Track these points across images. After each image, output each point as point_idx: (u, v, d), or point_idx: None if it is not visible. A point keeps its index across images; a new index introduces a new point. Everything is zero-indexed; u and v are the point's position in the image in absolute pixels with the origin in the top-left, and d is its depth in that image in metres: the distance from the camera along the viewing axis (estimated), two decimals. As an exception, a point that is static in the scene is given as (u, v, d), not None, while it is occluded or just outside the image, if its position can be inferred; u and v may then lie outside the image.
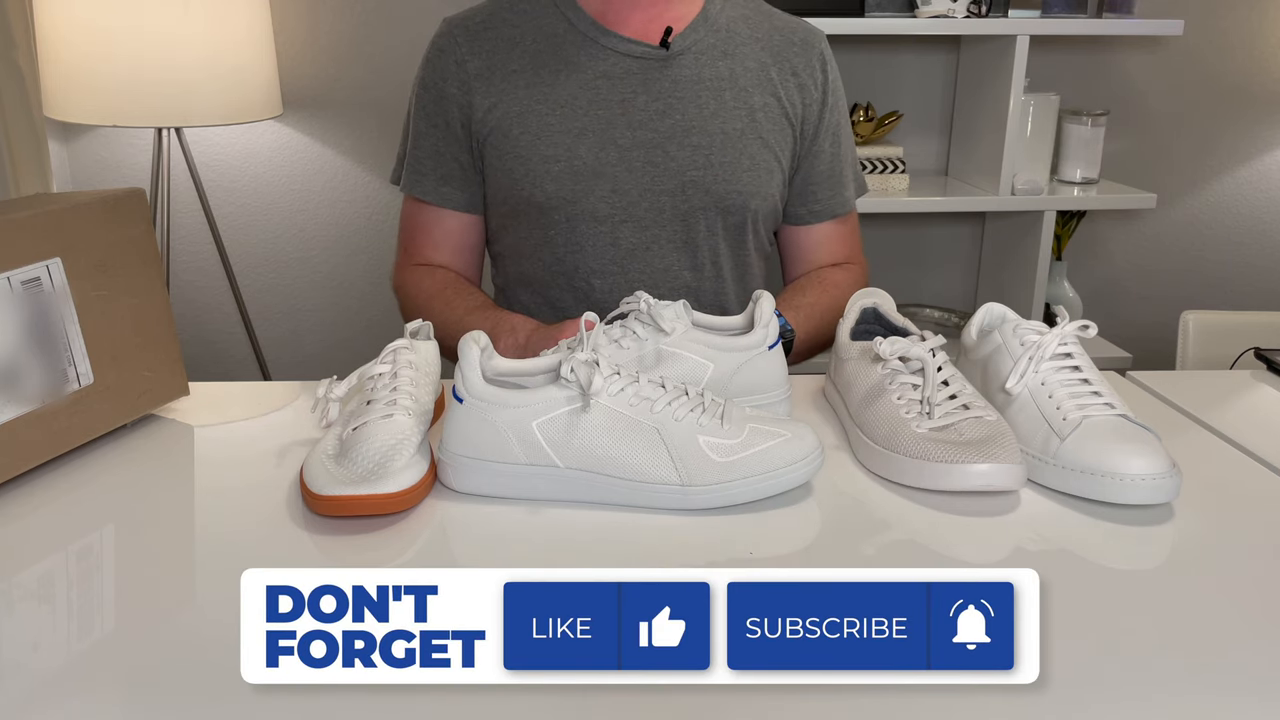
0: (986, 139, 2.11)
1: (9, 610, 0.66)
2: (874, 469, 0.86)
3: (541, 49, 1.21)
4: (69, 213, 0.87)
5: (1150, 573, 0.72)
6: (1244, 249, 2.45)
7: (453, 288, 1.23)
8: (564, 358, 0.78)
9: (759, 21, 1.27)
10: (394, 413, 0.82)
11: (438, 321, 1.18)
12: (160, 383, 0.95)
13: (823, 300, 1.23)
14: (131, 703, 0.57)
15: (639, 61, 1.20)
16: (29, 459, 0.83)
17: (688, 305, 0.94)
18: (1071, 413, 0.83)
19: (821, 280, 1.28)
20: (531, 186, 1.19)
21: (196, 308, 2.26)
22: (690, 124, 1.20)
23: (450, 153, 1.23)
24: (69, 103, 1.81)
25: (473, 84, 1.20)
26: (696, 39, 1.22)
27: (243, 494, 0.83)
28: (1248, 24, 2.30)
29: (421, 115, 1.24)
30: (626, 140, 1.19)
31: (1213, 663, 0.61)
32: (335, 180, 2.22)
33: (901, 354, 0.87)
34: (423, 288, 1.24)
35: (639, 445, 0.78)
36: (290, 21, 2.11)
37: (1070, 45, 2.24)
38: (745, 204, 1.22)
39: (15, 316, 0.82)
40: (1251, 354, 1.20)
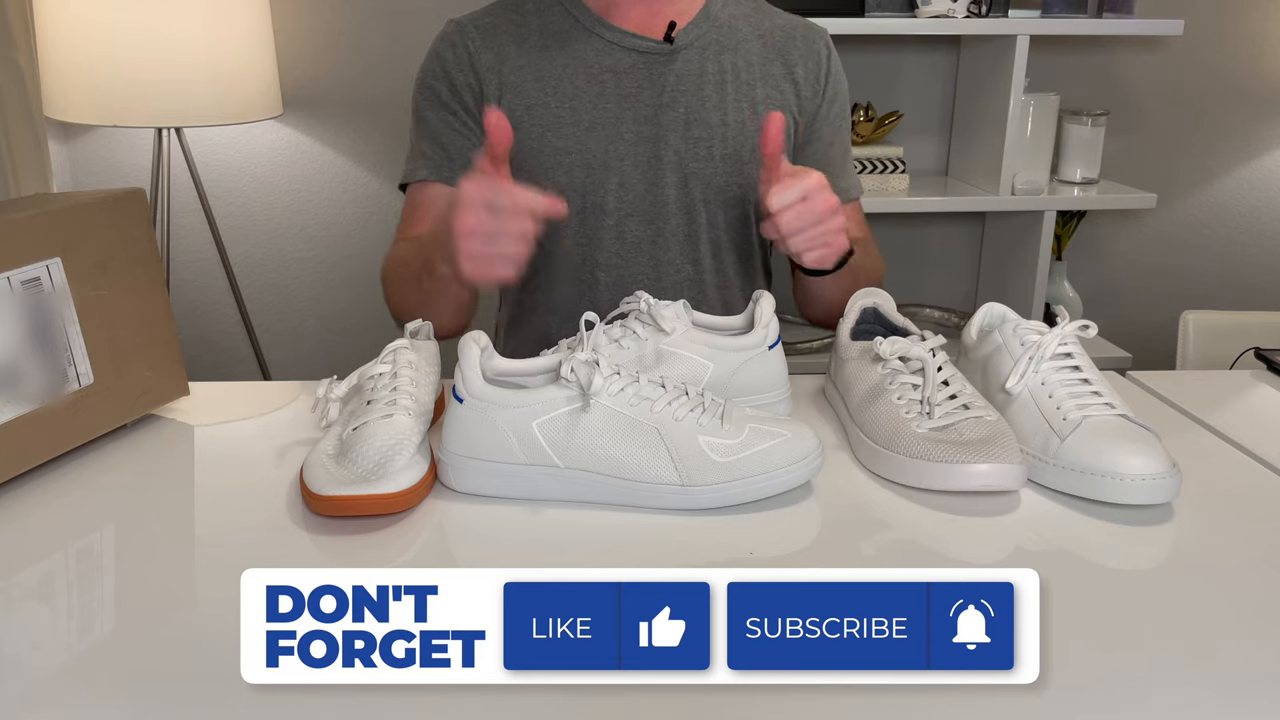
0: (986, 139, 2.11)
1: (9, 610, 0.66)
2: (874, 469, 0.86)
3: (548, 44, 1.21)
4: (69, 213, 0.87)
5: (1150, 573, 0.72)
6: (1244, 249, 2.45)
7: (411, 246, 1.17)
8: (564, 358, 0.78)
9: (761, 19, 1.27)
10: (394, 413, 0.82)
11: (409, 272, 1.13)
12: (160, 383, 0.95)
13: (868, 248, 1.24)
14: (131, 703, 0.57)
15: (643, 56, 1.21)
16: (29, 459, 0.83)
17: (688, 305, 0.94)
18: (1071, 413, 0.83)
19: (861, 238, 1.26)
20: (542, 178, 1.18)
21: (196, 308, 2.26)
22: (693, 117, 1.20)
23: (474, 134, 1.21)
24: (69, 103, 1.81)
25: (483, 75, 1.20)
26: (699, 34, 1.22)
27: (243, 494, 0.83)
28: (1248, 24, 2.29)
29: (436, 105, 1.22)
30: (632, 134, 1.19)
31: (1212, 663, 0.61)
32: (335, 180, 2.22)
33: (901, 354, 0.87)
34: (392, 254, 1.21)
35: (639, 445, 0.78)
36: (290, 21, 2.11)
37: (1070, 45, 2.24)
38: (747, 196, 1.23)
39: (15, 316, 0.82)
40: (1251, 354, 1.20)
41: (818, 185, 1.01)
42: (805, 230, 1.01)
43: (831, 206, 1.01)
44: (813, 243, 1.02)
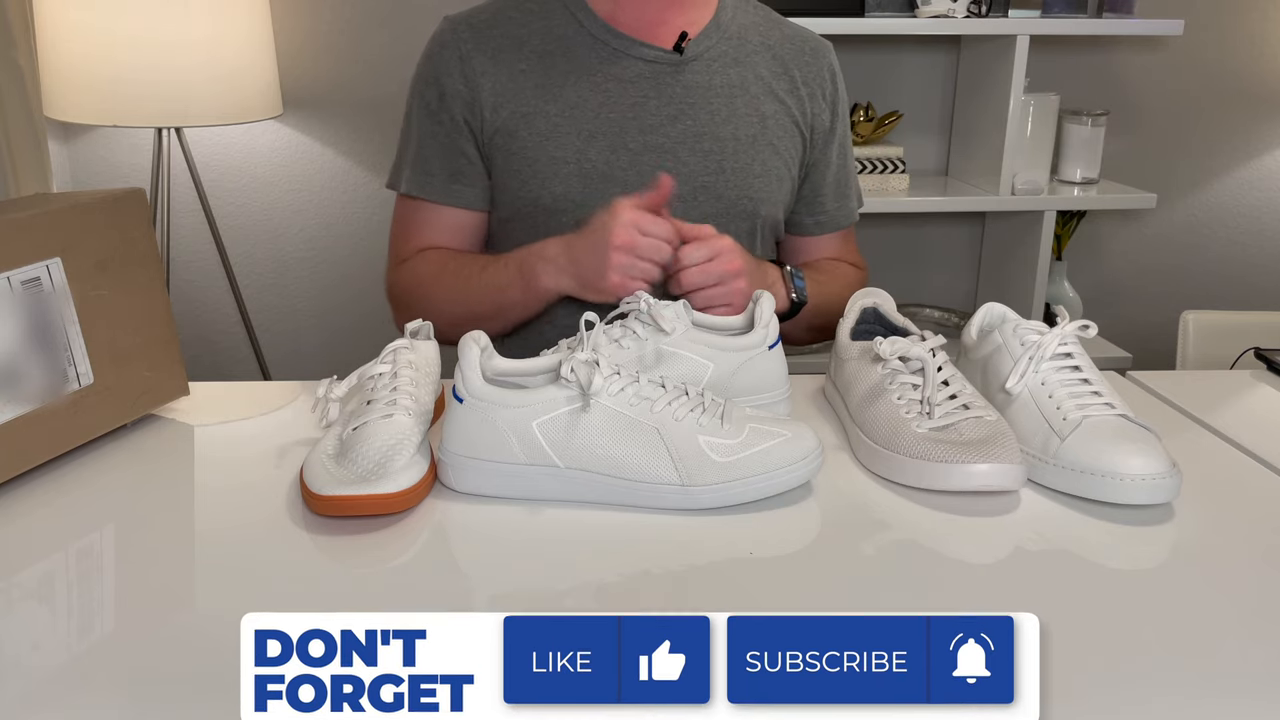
0: (986, 139, 2.11)
1: (9, 610, 0.66)
2: (874, 469, 0.86)
3: (550, 49, 1.19)
4: (69, 213, 0.87)
5: (1150, 573, 0.72)
6: (1244, 249, 2.45)
7: (454, 259, 1.21)
8: (564, 358, 0.78)
9: (769, 30, 1.27)
10: (394, 413, 0.82)
11: (455, 296, 1.16)
12: (160, 383, 0.95)
13: (832, 285, 1.24)
14: (131, 703, 0.57)
15: (652, 66, 1.19)
16: (29, 459, 0.83)
17: (688, 305, 0.94)
18: (1071, 413, 0.83)
19: (833, 268, 1.30)
20: (539, 188, 1.18)
21: (196, 308, 2.26)
22: (702, 129, 1.19)
23: (458, 148, 1.20)
24: (69, 103, 1.81)
25: (478, 80, 1.18)
26: (709, 45, 1.21)
27: (243, 494, 0.83)
28: (1248, 24, 2.29)
29: (424, 114, 1.21)
30: (638, 144, 1.18)
31: (1212, 663, 0.61)
32: (335, 180, 2.22)
33: (901, 354, 0.87)
34: (420, 272, 1.21)
35: (639, 445, 0.78)
36: (290, 21, 2.11)
37: (1070, 45, 2.24)
38: (756, 210, 1.22)
39: (15, 316, 0.82)
40: (1251, 354, 1.20)
41: (728, 248, 1.06)
42: (705, 289, 1.05)
43: (735, 269, 1.05)
44: (712, 300, 1.05)
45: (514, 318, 1.17)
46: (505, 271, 1.14)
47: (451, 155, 1.21)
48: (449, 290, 1.18)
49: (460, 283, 1.17)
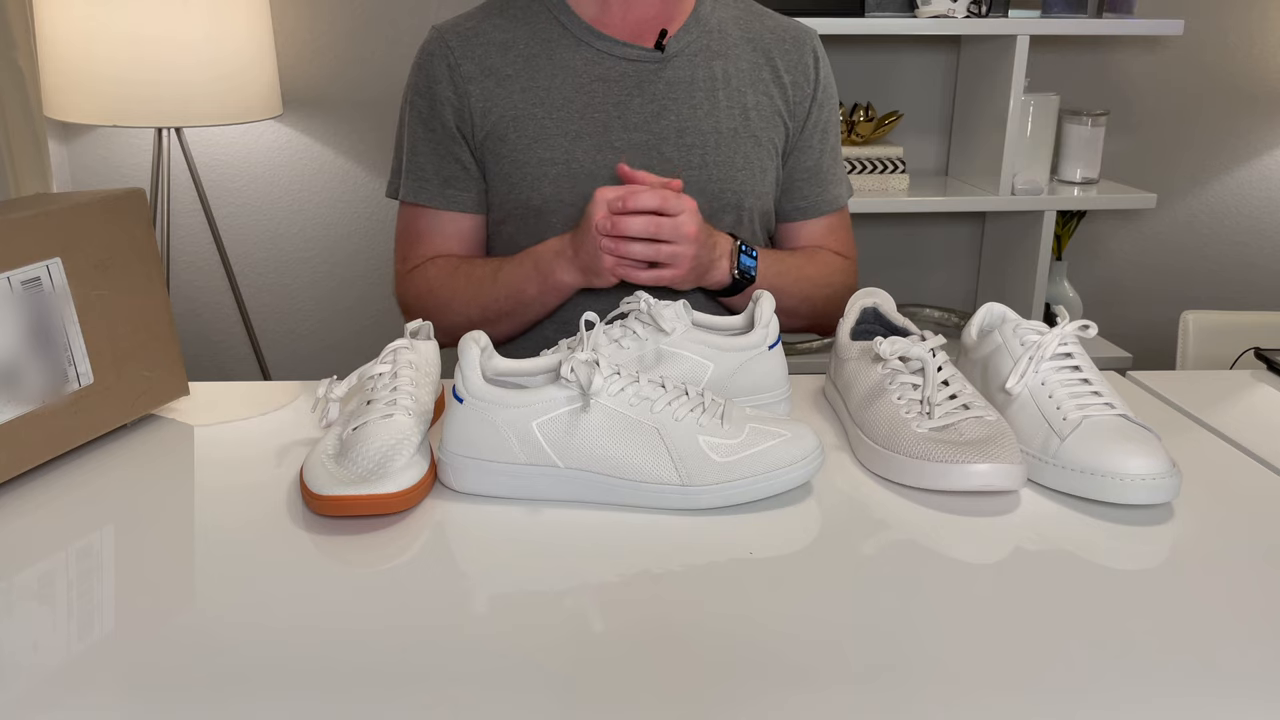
0: (986, 139, 2.11)
1: (9, 610, 0.66)
2: (874, 469, 0.86)
3: (535, 52, 1.21)
4: (69, 213, 0.87)
5: (1150, 573, 0.72)
6: (1244, 249, 2.45)
7: (465, 263, 1.23)
8: (564, 358, 0.78)
9: (750, 21, 1.27)
10: (394, 413, 0.82)
11: (471, 298, 1.18)
12: (160, 383, 0.95)
13: (805, 266, 1.26)
14: (131, 703, 0.57)
15: (634, 64, 1.21)
16: (29, 459, 0.83)
17: (687, 305, 0.94)
18: (1071, 413, 0.83)
19: (814, 253, 1.30)
20: (529, 190, 1.19)
21: (196, 308, 2.26)
22: (685, 124, 1.20)
23: (451, 154, 1.22)
24: (69, 103, 1.81)
25: (467, 87, 1.20)
26: (689, 40, 1.22)
27: (243, 494, 0.83)
28: (1248, 24, 2.30)
29: (417, 121, 1.24)
30: (622, 142, 1.19)
31: (1213, 663, 0.61)
32: (335, 180, 2.22)
33: (901, 354, 0.87)
34: (432, 277, 1.23)
35: (639, 445, 0.78)
36: (290, 21, 2.11)
37: (1070, 45, 2.25)
38: (741, 202, 1.23)
39: (15, 316, 0.82)
40: (1251, 354, 1.20)
41: (690, 208, 1.07)
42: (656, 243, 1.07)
43: (690, 234, 1.07)
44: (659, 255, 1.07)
45: (531, 315, 1.19)
46: (521, 269, 1.16)
47: (445, 162, 1.23)
48: (464, 294, 1.20)
49: (474, 285, 1.19)
